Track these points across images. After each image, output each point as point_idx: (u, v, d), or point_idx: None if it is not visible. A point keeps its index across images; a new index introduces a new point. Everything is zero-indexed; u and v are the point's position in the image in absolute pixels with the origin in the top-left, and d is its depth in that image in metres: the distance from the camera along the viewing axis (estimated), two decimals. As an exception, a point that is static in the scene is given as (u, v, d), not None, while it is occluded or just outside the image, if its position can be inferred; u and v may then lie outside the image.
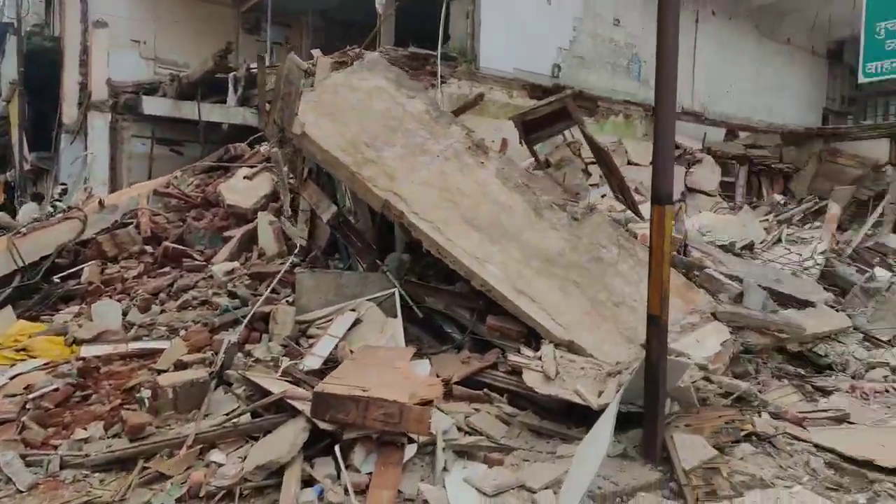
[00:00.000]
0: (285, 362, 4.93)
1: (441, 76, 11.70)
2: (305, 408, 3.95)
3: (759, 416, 5.05)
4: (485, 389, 4.94)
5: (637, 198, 11.99)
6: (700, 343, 5.42)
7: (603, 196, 12.11)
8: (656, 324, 4.19)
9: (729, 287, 6.50)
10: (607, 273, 5.72)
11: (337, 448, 3.79)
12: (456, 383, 4.99)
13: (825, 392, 6.12)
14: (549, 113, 9.55)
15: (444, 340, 5.74)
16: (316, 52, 6.10)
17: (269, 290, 5.85)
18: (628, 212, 9.37)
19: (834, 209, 10.93)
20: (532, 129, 9.75)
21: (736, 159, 17.45)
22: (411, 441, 4.08)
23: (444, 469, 3.94)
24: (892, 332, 9.40)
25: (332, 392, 3.87)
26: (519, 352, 4.97)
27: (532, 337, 5.33)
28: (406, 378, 4.33)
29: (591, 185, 12.29)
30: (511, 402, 4.96)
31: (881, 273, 10.78)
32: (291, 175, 6.68)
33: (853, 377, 6.66)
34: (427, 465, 4.05)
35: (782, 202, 12.93)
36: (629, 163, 14.18)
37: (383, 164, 5.41)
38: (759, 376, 5.96)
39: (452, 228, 5.32)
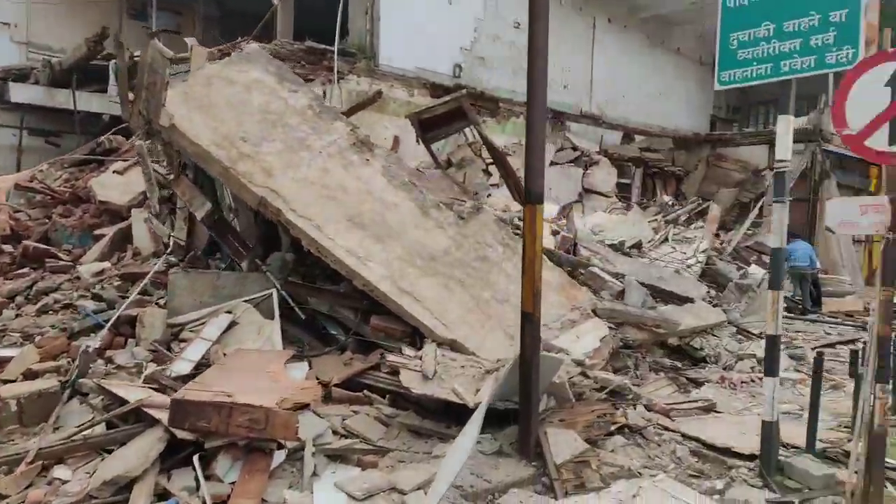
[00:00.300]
0: (152, 368, 4.62)
1: (339, 72, 11.49)
2: (164, 416, 3.71)
3: (634, 408, 5.22)
4: (364, 391, 4.83)
5: (535, 198, 12.26)
6: (580, 339, 5.54)
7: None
8: (530, 321, 4.23)
9: (611, 285, 6.70)
10: (492, 271, 5.74)
11: (195, 458, 3.57)
12: (336, 385, 4.86)
13: (698, 383, 6.42)
14: (446, 112, 9.57)
15: (328, 342, 5.59)
16: (190, 41, 5.79)
17: (139, 291, 5.49)
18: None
19: (715, 210, 11.56)
20: (429, 127, 9.73)
21: (632, 162, 18.18)
22: (281, 447, 3.92)
23: (314, 474, 3.81)
24: (764, 326, 10.06)
25: (193, 399, 3.65)
26: (400, 352, 4.89)
27: (417, 336, 5.27)
28: (277, 382, 4.15)
29: (491, 185, 12.44)
30: (394, 403, 4.88)
31: (755, 270, 11.50)
32: (169, 169, 6.31)
33: (724, 369, 7.04)
34: (298, 472, 3.90)
35: (670, 203, 13.53)
36: (529, 163, 14.47)
37: (261, 159, 5.19)
38: (637, 370, 6.17)
39: (334, 226, 5.18)
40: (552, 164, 15.07)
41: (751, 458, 4.43)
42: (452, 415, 4.65)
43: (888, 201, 3.65)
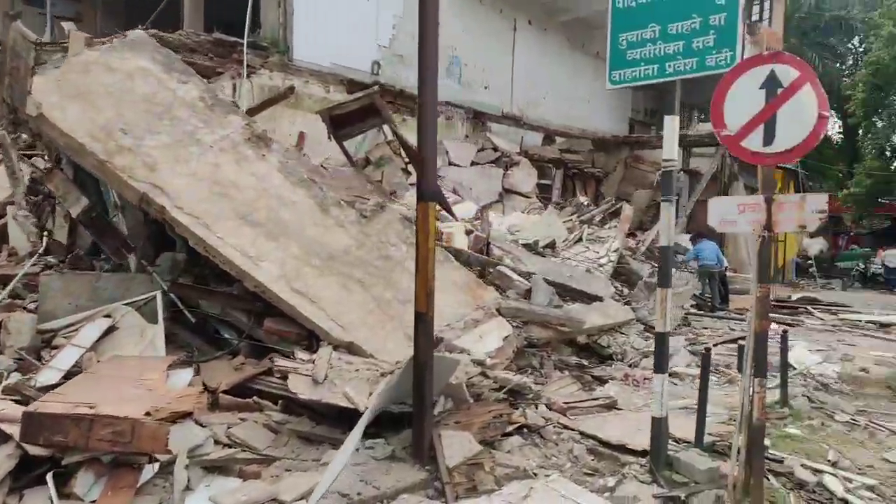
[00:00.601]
0: (15, 378, 4.25)
1: (250, 66, 11.10)
2: (17, 431, 3.39)
3: (536, 408, 5.21)
4: (254, 397, 4.61)
5: (454, 198, 12.23)
6: (483, 339, 5.49)
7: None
8: (423, 321, 4.13)
9: (519, 284, 6.70)
10: (395, 271, 5.62)
11: (49, 476, 3.28)
12: (224, 392, 4.62)
13: (602, 381, 6.50)
14: (358, 109, 9.39)
15: (220, 346, 5.32)
16: (68, 26, 5.40)
17: (8, 294, 5.06)
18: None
19: (627, 211, 11.84)
20: (341, 124, 9.53)
21: (552, 163, 18.46)
22: (153, 460, 3.66)
23: (188, 488, 3.57)
24: (674, 323, 10.35)
25: (47, 411, 3.35)
26: (292, 356, 4.70)
27: (314, 339, 5.08)
28: (152, 391, 3.89)
29: (411, 183, 12.29)
30: (287, 409, 4.68)
31: (665, 268, 11.86)
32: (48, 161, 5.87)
33: (630, 366, 7.16)
34: (171, 487, 3.65)
35: (585, 203, 13.77)
36: (449, 163, 14.44)
37: (143, 153, 4.88)
38: (542, 369, 6.18)
39: (223, 224, 4.93)
40: (473, 164, 15.11)
41: (643, 454, 4.47)
42: (347, 420, 4.49)
43: (764, 201, 3.74)
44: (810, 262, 26.32)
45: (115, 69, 5.14)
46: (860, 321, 12.73)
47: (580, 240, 11.14)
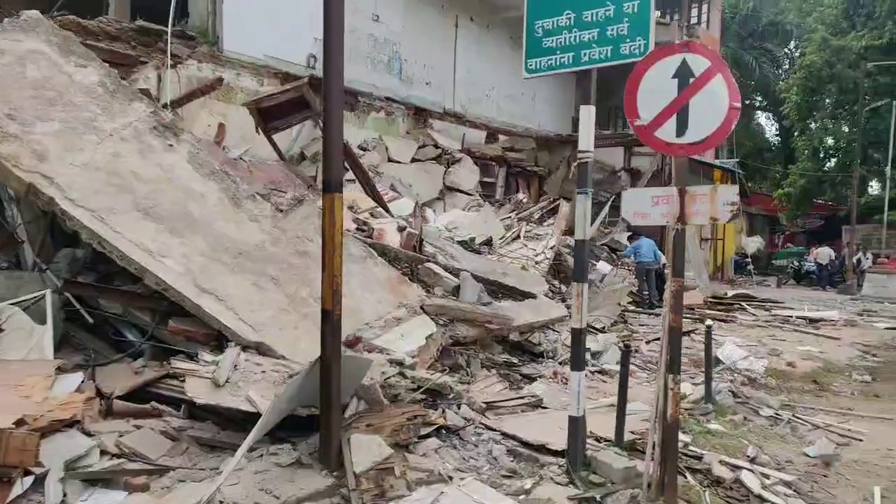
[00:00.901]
0: None
1: (177, 56, 10.62)
2: None
3: (459, 408, 5.05)
4: (152, 402, 4.31)
5: (392, 194, 12.00)
6: (405, 337, 5.30)
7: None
8: (329, 320, 3.90)
9: (447, 281, 6.53)
10: (312, 267, 5.37)
11: None
12: (119, 397, 4.30)
13: (531, 379, 6.40)
14: (288, 101, 9.10)
15: (122, 349, 4.97)
16: (-51, 2, 4.96)
17: None
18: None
19: (564, 208, 11.84)
20: (270, 117, 9.21)
21: (495, 161, 18.43)
22: (28, 473, 3.34)
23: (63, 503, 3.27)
24: (611, 320, 10.39)
25: None
26: (194, 357, 4.41)
27: (224, 340, 4.80)
28: (28, 397, 3.56)
29: (348, 179, 12.00)
30: (191, 415, 4.39)
31: (603, 267, 11.92)
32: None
33: (560, 363, 7.08)
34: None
35: (525, 201, 13.75)
36: (389, 160, 14.20)
37: (32, 140, 4.51)
38: (469, 367, 6.03)
39: (122, 218, 4.60)
40: (414, 161, 14.91)
41: (563, 454, 4.36)
42: (253, 425, 4.25)
43: (677, 193, 3.66)
44: (748, 259, 27.09)
45: (3, 51, 4.74)
46: (791, 317, 13.08)
47: (518, 237, 11.09)
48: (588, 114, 4.01)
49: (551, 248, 10.32)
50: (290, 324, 4.90)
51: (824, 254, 22.79)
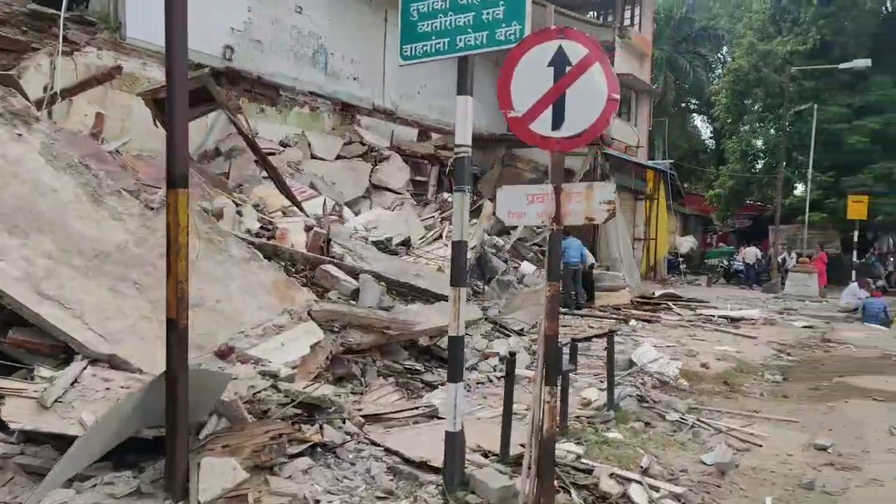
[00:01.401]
0: None
1: (75, 43, 9.90)
2: None
3: (344, 422, 4.68)
4: (-25, 426, 3.78)
5: (310, 192, 11.52)
6: (286, 346, 4.90)
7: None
8: (174, 330, 3.48)
9: (345, 284, 6.15)
10: (185, 271, 4.90)
11: None
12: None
13: (433, 387, 6.08)
14: (189, 93, 8.51)
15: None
16: None
17: None
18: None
19: (488, 208, 11.60)
20: (170, 109, 8.61)
21: (427, 159, 18.11)
22: None
23: None
24: (531, 322, 10.18)
25: None
26: (29, 376, 3.90)
27: (73, 352, 4.30)
28: None
29: (265, 177, 11.48)
30: (28, 438, 3.88)
31: (527, 267, 11.74)
32: None
33: (468, 369, 6.80)
34: None
35: (449, 199, 13.45)
36: (313, 156, 13.70)
37: None
38: (364, 377, 5.67)
39: (-52, 216, 4.05)
40: (339, 157, 14.45)
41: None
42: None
43: (552, 191, 3.39)
44: (681, 259, 27.62)
45: None
46: (713, 316, 13.21)
47: (440, 237, 10.79)
48: (465, 105, 3.71)
49: (472, 248, 10.04)
50: (153, 333, 4.43)
51: (751, 253, 23.38)
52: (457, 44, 3.65)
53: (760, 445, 5.21)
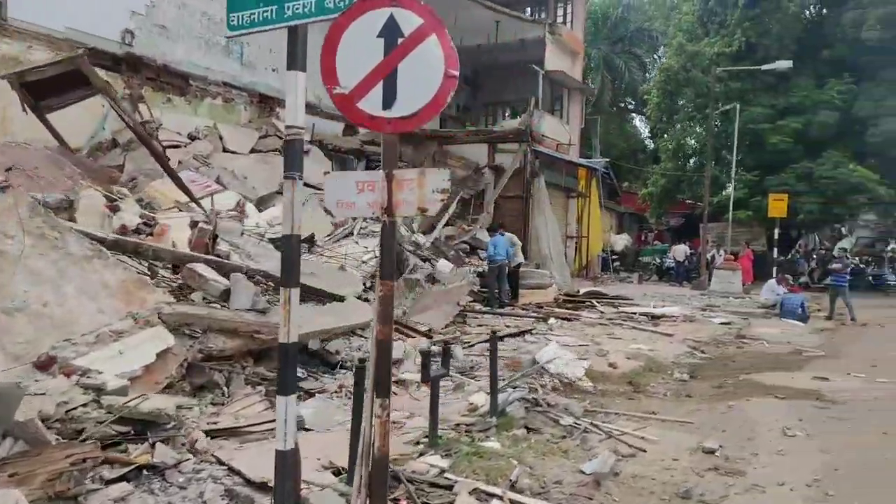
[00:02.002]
0: None
1: (-57, 21, 9.05)
2: None
3: (195, 440, 4.20)
4: None
5: (215, 187, 10.89)
6: (125, 354, 4.37)
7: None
8: (-62, 341, 2.94)
9: (214, 284, 5.63)
10: (7, 271, 4.32)
11: None
12: None
13: (311, 395, 5.64)
14: (62, 76, 7.83)
15: None
16: None
17: None
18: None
19: (402, 202, 11.18)
20: (42, 94, 7.92)
21: (353, 154, 17.61)
22: None
23: None
24: (444, 322, 9.84)
25: None
26: None
27: None
28: None
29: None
30: None
31: (444, 265, 11.39)
32: None
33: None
34: None
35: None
36: (225, 150, 13.03)
37: None
38: (229, 385, 5.18)
39: None
40: (254, 151, 13.81)
41: (285, 492, 3.62)
42: None
43: (384, 178, 3.00)
44: (615, 256, 27.85)
45: None
46: (635, 314, 13.16)
47: (351, 234, 10.33)
48: (296, 81, 3.27)
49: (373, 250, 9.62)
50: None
51: (680, 251, 23.70)
52: (285, 12, 3.21)
53: (645, 451, 4.97)
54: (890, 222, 36.18)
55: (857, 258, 29.28)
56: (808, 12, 26.25)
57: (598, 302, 14.48)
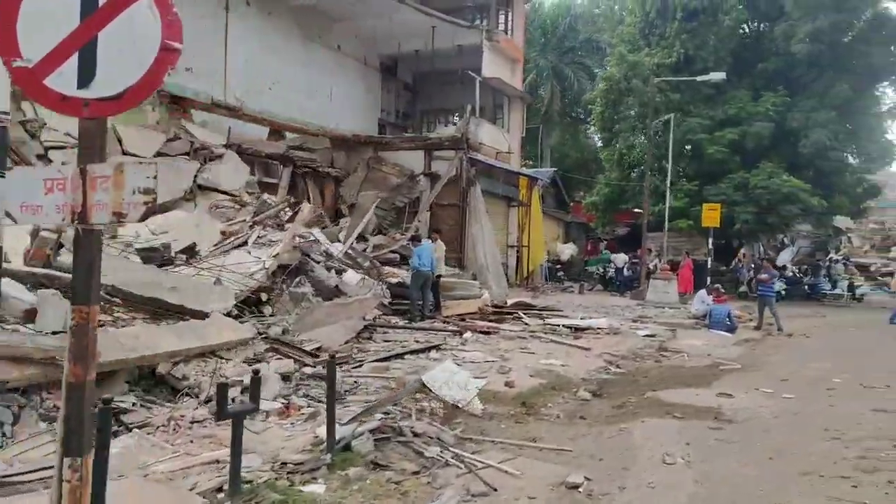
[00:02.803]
0: None
1: None
2: None
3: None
4: None
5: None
6: None
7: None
8: None
9: (14, 302, 4.89)
10: None
11: None
12: None
13: (130, 429, 4.93)
14: None
15: None
16: None
17: None
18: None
19: (304, 211, 10.52)
20: None
21: (278, 159, 16.82)
22: None
23: None
24: (342, 340, 9.18)
25: None
26: None
27: None
28: None
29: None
30: None
31: (351, 277, 10.75)
32: None
33: (206, 402, 5.67)
34: None
35: (268, 200, 12.31)
36: (125, 153, 12.17)
37: None
38: (17, 422, 4.43)
39: None
40: (160, 154, 12.96)
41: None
42: None
43: (75, 174, 2.36)
44: (558, 266, 27.56)
45: None
46: (559, 326, 12.71)
47: (245, 243, 9.62)
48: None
49: (275, 256, 8.94)
50: None
51: (620, 260, 23.53)
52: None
53: (496, 490, 4.39)
54: (823, 232, 36.82)
55: (796, 267, 29.74)
56: (745, 27, 26.50)
57: (525, 313, 14.01)
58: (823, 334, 15.20)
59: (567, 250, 30.22)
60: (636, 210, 30.48)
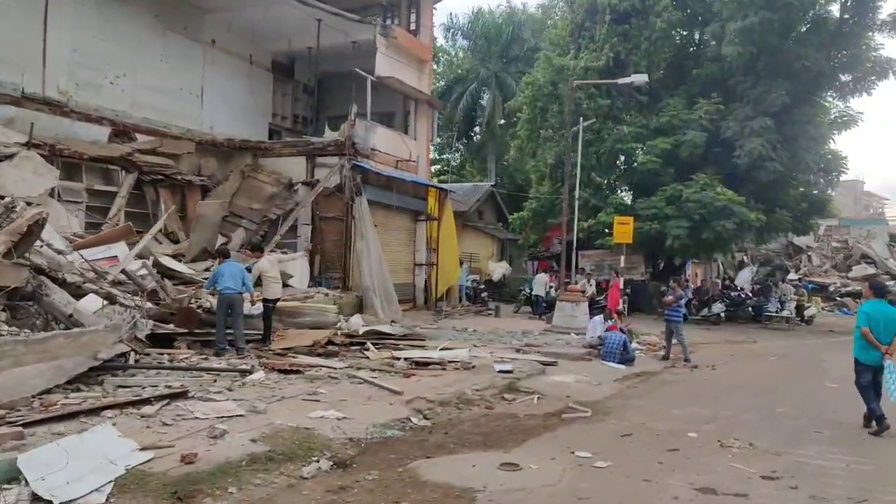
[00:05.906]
0: None
1: None
2: None
3: None
4: None
5: None
6: None
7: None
8: None
9: None
10: None
11: None
12: None
13: None
14: None
15: None
16: None
17: None
18: None
19: (25, 216, 8.20)
20: None
21: (119, 164, 14.58)
22: None
23: None
24: (37, 390, 6.93)
25: None
26: None
27: None
28: None
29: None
30: None
31: (89, 303, 8.50)
32: None
33: None
34: None
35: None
36: None
37: None
38: None
39: None
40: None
41: None
42: None
43: None
44: (482, 287, 25.36)
45: None
46: (401, 359, 10.53)
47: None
48: None
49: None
50: None
51: (539, 281, 21.44)
52: None
53: None
54: (783, 251, 35.00)
55: (750, 287, 27.85)
56: (679, 31, 24.79)
57: (377, 344, 11.80)
58: (735, 366, 13.14)
59: (499, 269, 28.07)
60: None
